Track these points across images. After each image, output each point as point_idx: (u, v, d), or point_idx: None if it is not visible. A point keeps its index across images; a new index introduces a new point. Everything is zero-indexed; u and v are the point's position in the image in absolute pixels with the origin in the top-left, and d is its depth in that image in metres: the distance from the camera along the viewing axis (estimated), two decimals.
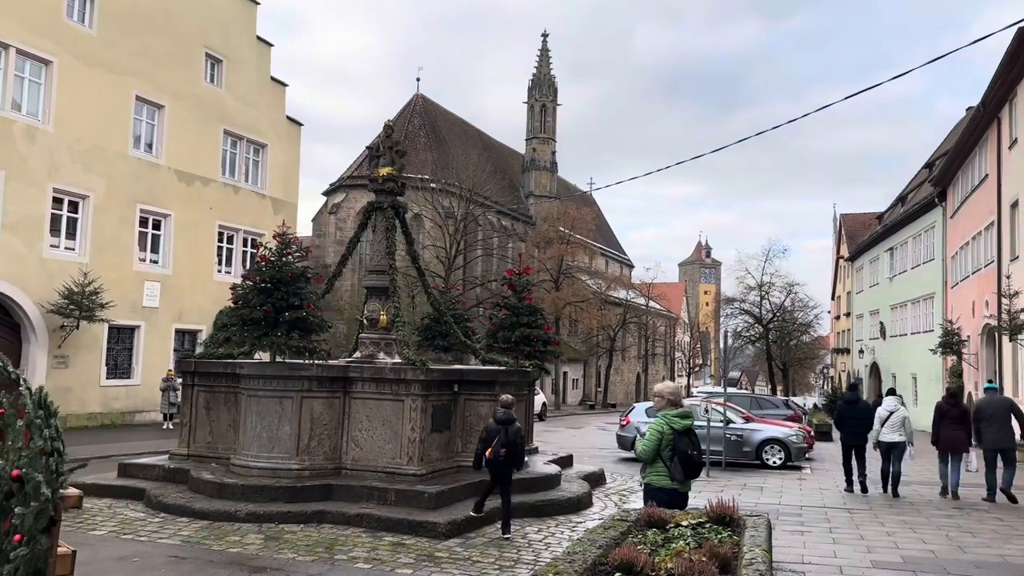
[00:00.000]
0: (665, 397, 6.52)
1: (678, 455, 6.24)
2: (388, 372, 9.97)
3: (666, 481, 6.33)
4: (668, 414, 6.37)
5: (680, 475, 6.29)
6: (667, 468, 6.29)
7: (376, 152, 12.16)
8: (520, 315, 10.98)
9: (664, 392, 6.59)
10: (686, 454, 6.24)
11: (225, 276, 25.94)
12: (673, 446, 6.24)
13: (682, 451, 6.24)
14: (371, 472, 9.81)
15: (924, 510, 11.89)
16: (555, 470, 11.37)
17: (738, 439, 17.92)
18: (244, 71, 27.43)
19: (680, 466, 6.26)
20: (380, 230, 11.91)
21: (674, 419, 6.31)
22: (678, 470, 6.26)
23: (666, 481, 6.33)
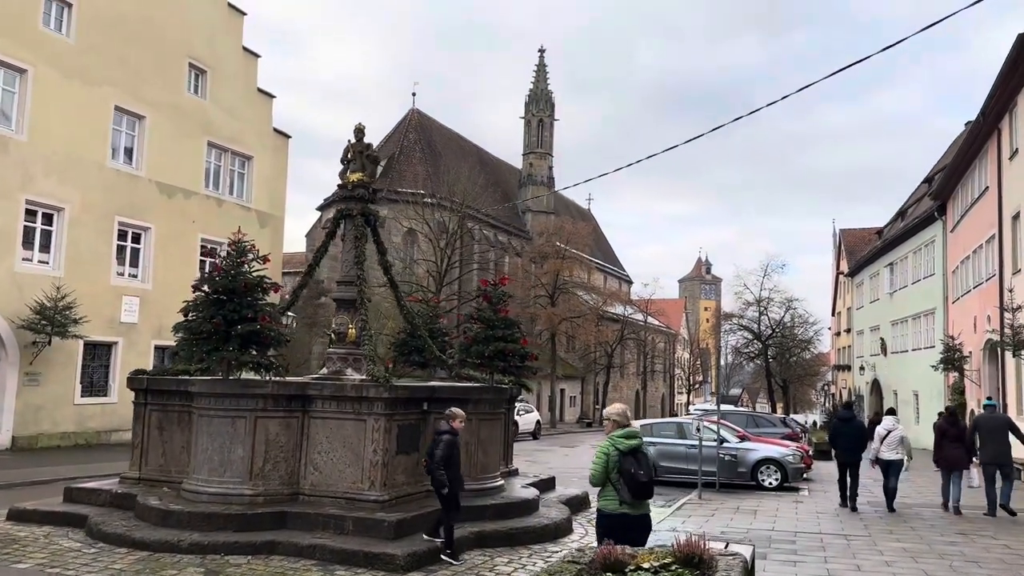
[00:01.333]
0: (612, 419, 6.42)
1: (623, 476, 6.07)
2: (349, 389, 9.28)
3: (615, 505, 6.16)
4: (614, 435, 6.27)
5: (628, 496, 6.08)
6: (615, 490, 6.13)
7: (346, 157, 11.55)
8: (495, 328, 10.31)
9: (611, 415, 6.48)
10: (630, 474, 6.05)
11: None
12: (619, 468, 6.09)
13: (627, 471, 6.06)
14: (330, 498, 9.11)
15: (926, 536, 11.17)
16: (532, 494, 10.67)
17: (732, 459, 17.21)
18: (229, 82, 26.93)
19: (627, 487, 6.07)
20: (349, 239, 11.28)
21: (619, 440, 6.21)
22: (625, 492, 6.08)
23: (615, 505, 6.16)
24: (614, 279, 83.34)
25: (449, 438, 8.12)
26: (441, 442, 8.07)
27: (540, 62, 68.34)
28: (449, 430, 8.22)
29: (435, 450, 8.08)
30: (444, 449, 8.02)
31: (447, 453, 8.03)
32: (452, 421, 8.29)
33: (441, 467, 7.99)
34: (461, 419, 8.35)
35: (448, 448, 8.04)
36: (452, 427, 8.25)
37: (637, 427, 6.54)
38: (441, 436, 8.16)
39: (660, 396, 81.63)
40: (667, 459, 18.00)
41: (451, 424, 8.27)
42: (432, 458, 8.08)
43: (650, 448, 18.08)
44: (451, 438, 8.14)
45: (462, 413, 8.41)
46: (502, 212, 63.19)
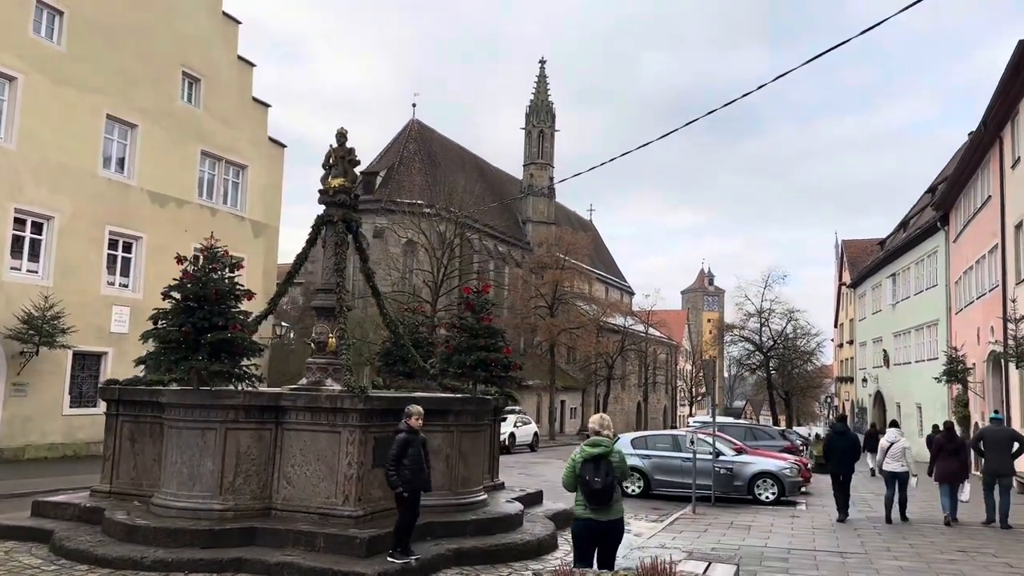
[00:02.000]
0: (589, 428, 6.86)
1: (579, 482, 6.38)
2: (323, 400, 8.97)
3: (581, 510, 6.45)
4: (583, 443, 6.58)
5: (586, 501, 6.37)
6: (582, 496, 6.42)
7: (328, 162, 11.29)
8: (478, 337, 10.00)
9: (589, 424, 6.93)
10: (584, 480, 6.31)
11: None
12: (579, 473, 6.37)
13: (581, 477, 6.34)
14: (303, 513, 8.78)
15: (925, 554, 10.79)
16: (516, 509, 10.31)
17: (728, 472, 16.83)
18: (224, 91, 26.77)
19: (583, 493, 6.36)
20: (329, 245, 10.99)
21: (585, 448, 6.49)
22: (584, 497, 6.38)
23: (581, 510, 6.45)
24: (615, 290, 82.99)
25: (403, 436, 7.84)
26: (398, 439, 7.80)
27: (541, 73, 68.34)
28: (405, 428, 7.93)
29: (389, 449, 7.81)
30: (396, 448, 7.74)
31: (399, 452, 7.76)
32: (408, 419, 8.00)
33: (392, 466, 7.72)
34: (417, 416, 8.05)
35: (401, 446, 7.76)
36: (408, 425, 7.96)
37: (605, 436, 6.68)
38: (397, 435, 7.87)
39: (662, 408, 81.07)
40: (662, 472, 17.63)
41: (407, 422, 7.98)
42: (386, 458, 7.83)
43: (644, 461, 17.77)
44: (405, 436, 7.86)
45: (419, 410, 8.11)
46: (502, 223, 62.99)
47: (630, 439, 18.76)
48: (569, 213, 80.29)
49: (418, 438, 8.01)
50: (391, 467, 7.84)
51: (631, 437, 19.05)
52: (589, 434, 6.77)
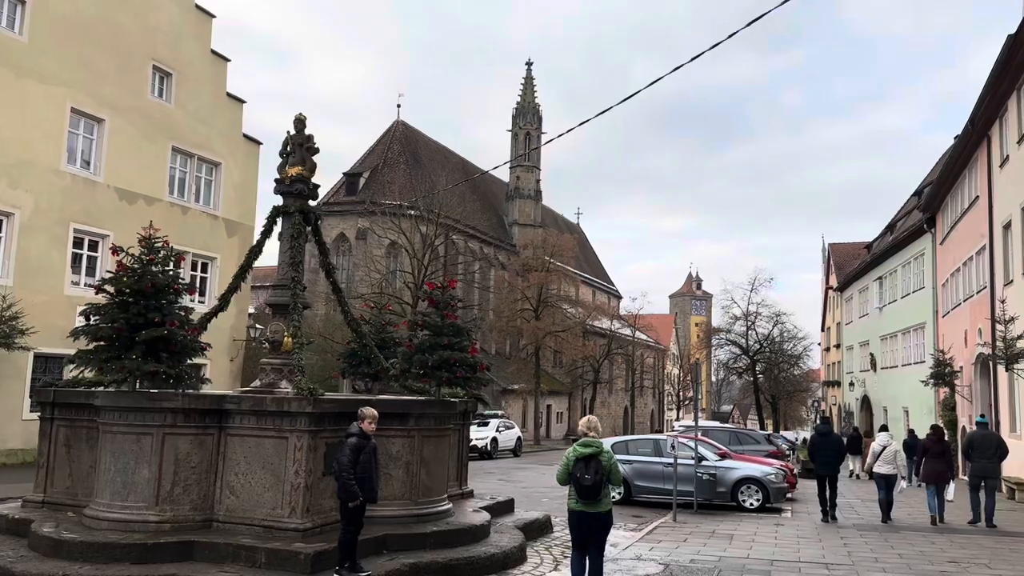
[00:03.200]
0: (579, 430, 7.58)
1: (571, 479, 7.18)
2: (269, 403, 8.31)
3: (573, 503, 7.26)
4: (575, 444, 7.32)
5: (577, 496, 7.16)
6: (574, 491, 7.20)
7: (285, 150, 10.66)
8: (441, 335, 9.36)
9: (579, 427, 7.64)
10: (575, 477, 7.12)
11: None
12: (571, 471, 7.17)
13: (573, 475, 7.14)
14: (247, 525, 8.11)
15: (915, 565, 10.22)
16: (483, 519, 9.66)
17: (711, 478, 16.23)
18: (196, 86, 26.04)
19: (575, 488, 7.15)
20: (285, 238, 10.36)
21: (577, 447, 7.24)
22: (575, 492, 7.17)
23: (573, 503, 7.26)
24: (603, 293, 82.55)
25: (355, 441, 7.21)
26: (345, 445, 7.16)
27: (527, 75, 67.93)
28: (357, 432, 7.29)
29: (339, 456, 7.16)
30: (350, 453, 7.11)
31: (354, 458, 7.12)
32: (361, 422, 7.37)
33: (350, 474, 7.08)
34: (371, 419, 7.43)
35: (354, 452, 7.12)
36: (361, 429, 7.33)
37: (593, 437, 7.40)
38: (347, 439, 7.23)
39: (649, 412, 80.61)
40: (643, 478, 17.03)
41: (360, 425, 7.35)
42: (337, 465, 7.16)
43: (626, 467, 17.13)
44: (357, 441, 7.23)
45: (372, 412, 7.49)
46: (488, 225, 62.42)
47: (610, 444, 18.13)
48: (556, 216, 79.83)
49: (370, 444, 7.39)
50: (349, 475, 7.19)
51: (612, 442, 18.41)
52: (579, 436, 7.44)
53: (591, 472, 7.03)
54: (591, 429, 7.45)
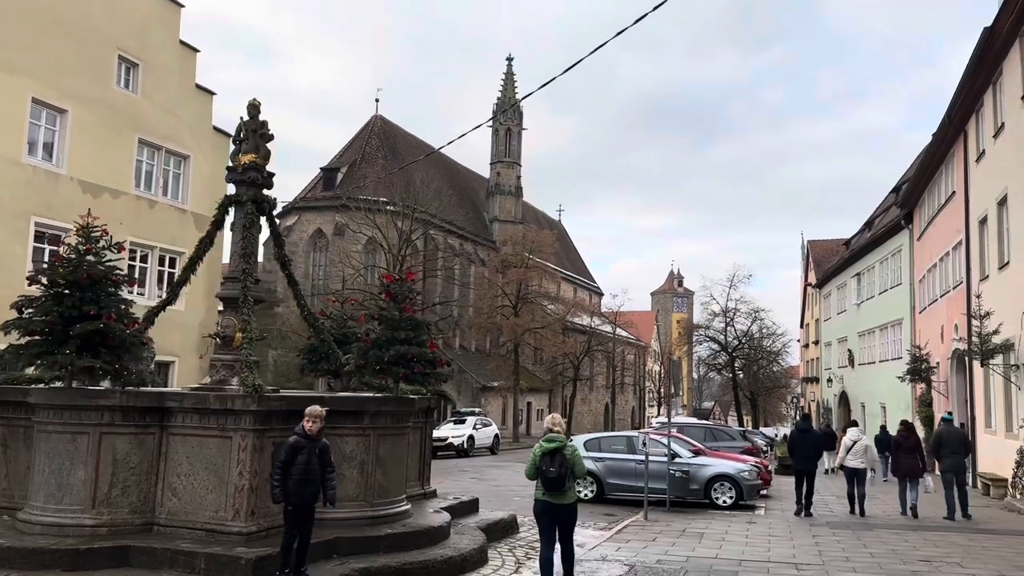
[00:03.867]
0: (544, 427, 8.13)
1: (538, 472, 7.71)
2: (212, 401, 7.92)
3: (540, 494, 7.82)
4: (541, 440, 7.89)
5: (543, 487, 7.74)
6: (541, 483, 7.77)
7: (239, 136, 10.25)
8: (399, 330, 8.99)
9: (545, 423, 8.23)
10: (541, 471, 7.68)
11: (138, 298, 23.68)
12: (538, 465, 7.70)
13: (539, 468, 7.69)
14: (189, 529, 7.72)
15: (887, 565, 9.99)
16: (442, 520, 9.32)
17: (684, 476, 15.97)
18: (164, 77, 25.43)
19: (540, 480, 7.73)
20: (237, 229, 9.95)
21: (543, 443, 7.79)
22: (541, 484, 7.74)
23: (540, 494, 7.82)
24: (584, 290, 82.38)
25: (293, 440, 6.84)
26: (285, 444, 6.80)
27: (508, 70, 67.42)
28: (300, 432, 6.92)
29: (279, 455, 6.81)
30: (284, 454, 6.75)
31: (286, 459, 6.77)
32: (304, 421, 7.01)
33: (277, 475, 6.74)
34: (314, 419, 7.07)
35: (290, 452, 6.76)
36: (303, 428, 6.97)
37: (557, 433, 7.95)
38: (289, 438, 6.87)
39: (630, 409, 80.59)
40: (616, 475, 16.76)
41: (303, 425, 6.98)
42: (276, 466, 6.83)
43: (598, 464, 16.89)
44: (295, 440, 6.86)
45: (317, 412, 7.12)
46: (468, 221, 61.97)
47: (583, 441, 17.87)
48: (538, 213, 79.52)
49: (314, 444, 7.02)
50: (276, 476, 6.85)
51: (584, 439, 18.16)
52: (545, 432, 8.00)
53: (556, 465, 7.62)
54: (555, 425, 8.04)
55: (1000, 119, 18.96)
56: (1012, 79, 17.78)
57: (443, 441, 31.62)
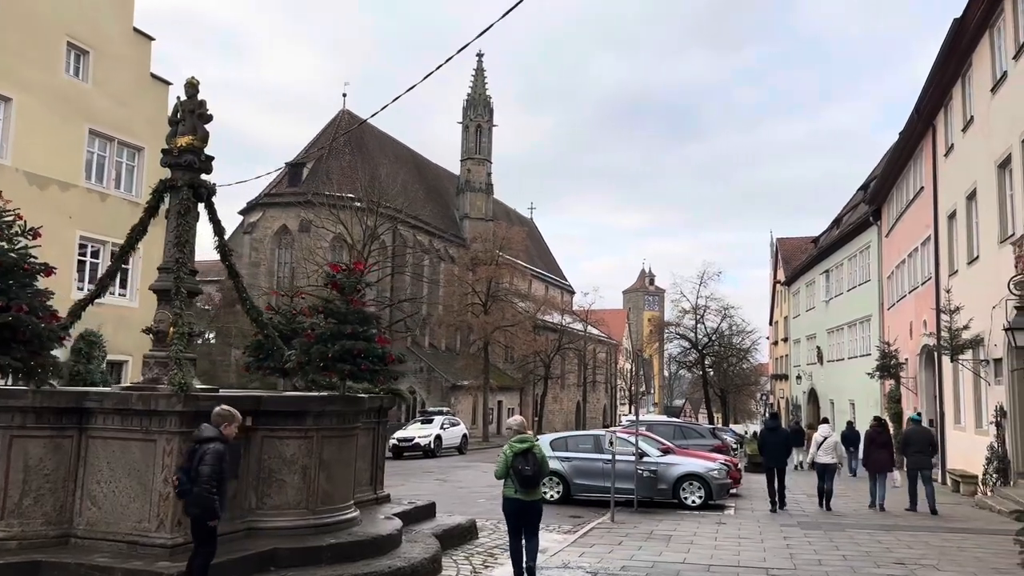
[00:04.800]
0: (513, 428, 8.60)
1: (513, 471, 8.05)
2: (135, 401, 7.24)
3: (511, 492, 8.17)
4: (511, 440, 8.29)
5: (517, 486, 8.08)
6: (511, 481, 8.11)
7: (175, 118, 9.57)
8: (345, 323, 8.37)
9: (512, 424, 8.67)
10: (518, 469, 8.03)
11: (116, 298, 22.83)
12: (511, 465, 8.04)
13: (515, 467, 8.04)
14: (109, 541, 7.05)
15: (860, 568, 9.59)
16: (393, 528, 8.71)
17: (651, 475, 15.52)
18: (117, 65, 24.43)
19: (516, 479, 8.05)
20: (172, 216, 9.26)
21: (514, 444, 8.18)
22: (516, 482, 8.07)
23: (511, 492, 8.17)
24: (556, 288, 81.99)
25: (218, 447, 6.18)
26: (207, 453, 6.11)
27: (478, 67, 66.84)
28: (217, 437, 6.28)
29: (199, 465, 6.08)
30: (213, 462, 6.07)
31: (221, 468, 6.12)
32: (223, 425, 6.36)
33: (213, 488, 6.09)
34: (236, 423, 6.44)
35: (218, 461, 6.11)
36: (222, 433, 6.33)
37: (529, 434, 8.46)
38: (206, 445, 6.18)
39: (602, 407, 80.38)
40: (582, 476, 16.26)
41: (220, 430, 6.34)
42: (197, 476, 6.07)
43: (564, 464, 16.42)
44: (220, 447, 6.20)
45: (235, 415, 6.48)
46: (439, 219, 61.23)
47: (549, 440, 17.37)
48: (509, 210, 78.96)
49: (230, 449, 6.40)
50: (212, 488, 6.17)
51: (550, 438, 17.66)
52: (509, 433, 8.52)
53: (530, 464, 8.05)
54: (523, 427, 8.49)
55: (969, 112, 18.79)
56: (981, 71, 17.60)
57: (409, 441, 30.97)
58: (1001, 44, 16.51)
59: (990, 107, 17.07)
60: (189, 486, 6.12)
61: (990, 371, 16.87)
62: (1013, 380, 15.28)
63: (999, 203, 16.45)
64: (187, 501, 6.15)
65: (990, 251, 16.99)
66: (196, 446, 6.21)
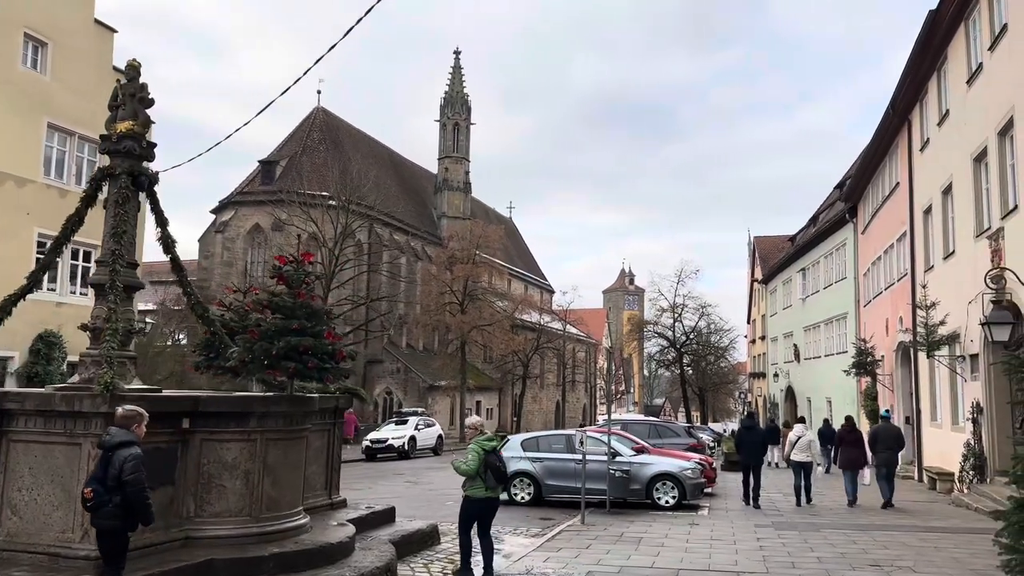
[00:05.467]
0: (476, 428, 8.82)
1: (489, 468, 8.21)
2: (58, 402, 6.72)
3: (483, 492, 8.31)
4: (478, 439, 8.46)
5: (493, 483, 8.29)
6: (483, 481, 8.21)
7: (115, 102, 9.03)
8: (293, 318, 7.87)
9: (475, 425, 8.98)
10: (495, 466, 8.27)
11: (48, 294, 22.07)
12: (484, 462, 8.20)
13: (492, 464, 8.23)
14: (30, 553, 6.52)
15: (835, 570, 9.25)
16: (344, 535, 8.22)
17: (624, 475, 15.13)
18: (77, 57, 23.71)
19: (492, 476, 8.24)
20: (110, 205, 8.73)
21: (484, 442, 8.38)
22: (491, 479, 8.25)
23: (483, 492, 8.31)
24: (535, 288, 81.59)
25: (136, 452, 5.62)
26: (127, 460, 5.53)
27: (456, 64, 66.24)
28: (132, 440, 5.72)
29: (121, 475, 5.50)
30: (135, 470, 5.52)
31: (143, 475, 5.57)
32: (133, 426, 5.82)
33: (147, 495, 5.58)
34: (145, 420, 5.92)
35: (141, 467, 5.59)
36: (136, 434, 5.81)
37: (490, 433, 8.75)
38: (122, 451, 5.58)
39: (581, 407, 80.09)
40: (555, 477, 15.85)
41: (133, 430, 5.82)
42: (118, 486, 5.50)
43: (535, 464, 16.01)
44: (139, 452, 5.64)
45: (142, 412, 5.94)
46: (416, 218, 60.59)
47: (520, 440, 16.97)
48: (488, 209, 78.44)
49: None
50: (147, 493, 5.67)
51: (521, 438, 17.25)
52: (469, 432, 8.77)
53: (500, 460, 8.42)
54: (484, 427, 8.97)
55: (945, 106, 18.60)
56: (957, 63, 17.39)
57: (382, 443, 30.41)
58: (976, 36, 16.30)
59: (966, 100, 16.86)
60: (107, 497, 5.58)
61: (966, 367, 16.67)
62: (990, 376, 15.07)
63: (975, 197, 16.24)
64: (100, 514, 5.61)
65: (966, 246, 16.79)
66: (107, 453, 5.65)
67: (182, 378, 29.34)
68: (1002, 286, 13.95)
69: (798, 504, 15.52)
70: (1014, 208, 14.03)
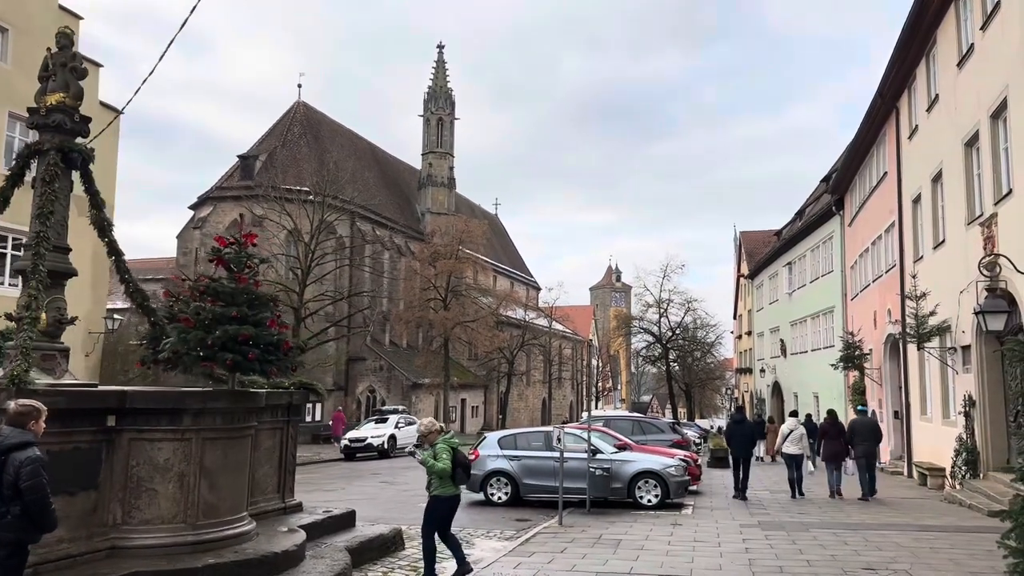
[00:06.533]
0: (434, 429, 8.47)
1: (460, 465, 8.18)
2: None
3: (453, 489, 8.22)
4: (444, 438, 8.32)
5: (464, 479, 8.38)
6: (452, 479, 8.11)
7: (44, 72, 8.33)
8: (233, 305, 7.14)
9: (433, 427, 8.52)
10: (465, 463, 8.35)
11: (9, 289, 21.16)
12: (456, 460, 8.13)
13: (461, 461, 8.22)
14: None
15: (824, 574, 8.64)
16: (292, 543, 7.52)
17: (605, 473, 14.48)
18: (40, 44, 22.62)
19: (463, 472, 8.27)
20: (37, 184, 8.02)
21: (451, 440, 8.34)
22: (462, 475, 8.26)
23: (453, 489, 8.22)
24: (521, 285, 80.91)
25: (36, 455, 4.89)
26: (25, 464, 4.81)
27: (439, 58, 65.37)
28: (29, 441, 4.98)
29: (17, 479, 4.77)
30: (35, 475, 4.80)
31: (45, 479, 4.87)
32: (29, 424, 5.07)
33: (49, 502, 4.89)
34: (43, 415, 5.19)
35: (42, 471, 4.88)
36: (34, 432, 5.10)
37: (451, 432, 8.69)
38: (18, 453, 4.83)
39: (568, 404, 79.56)
40: (533, 475, 15.19)
41: (29, 428, 5.08)
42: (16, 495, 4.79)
43: (513, 463, 15.37)
44: (39, 454, 4.92)
45: (40, 407, 5.20)
46: (399, 214, 59.74)
47: (497, 438, 16.31)
48: (473, 206, 77.68)
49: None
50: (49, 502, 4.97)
51: (498, 436, 16.58)
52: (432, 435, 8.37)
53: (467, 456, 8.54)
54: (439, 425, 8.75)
55: (934, 91, 18.07)
56: (947, 46, 16.85)
57: (361, 442, 29.67)
58: (967, 16, 15.76)
59: (956, 83, 16.32)
60: (3, 508, 4.87)
61: (958, 359, 16.15)
62: (982, 367, 14.55)
63: (966, 183, 15.71)
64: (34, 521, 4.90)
65: (957, 234, 16.26)
66: (1, 457, 4.92)
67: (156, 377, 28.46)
68: (996, 273, 13.41)
69: (792, 496, 15.92)
70: (1008, 192, 13.49)
